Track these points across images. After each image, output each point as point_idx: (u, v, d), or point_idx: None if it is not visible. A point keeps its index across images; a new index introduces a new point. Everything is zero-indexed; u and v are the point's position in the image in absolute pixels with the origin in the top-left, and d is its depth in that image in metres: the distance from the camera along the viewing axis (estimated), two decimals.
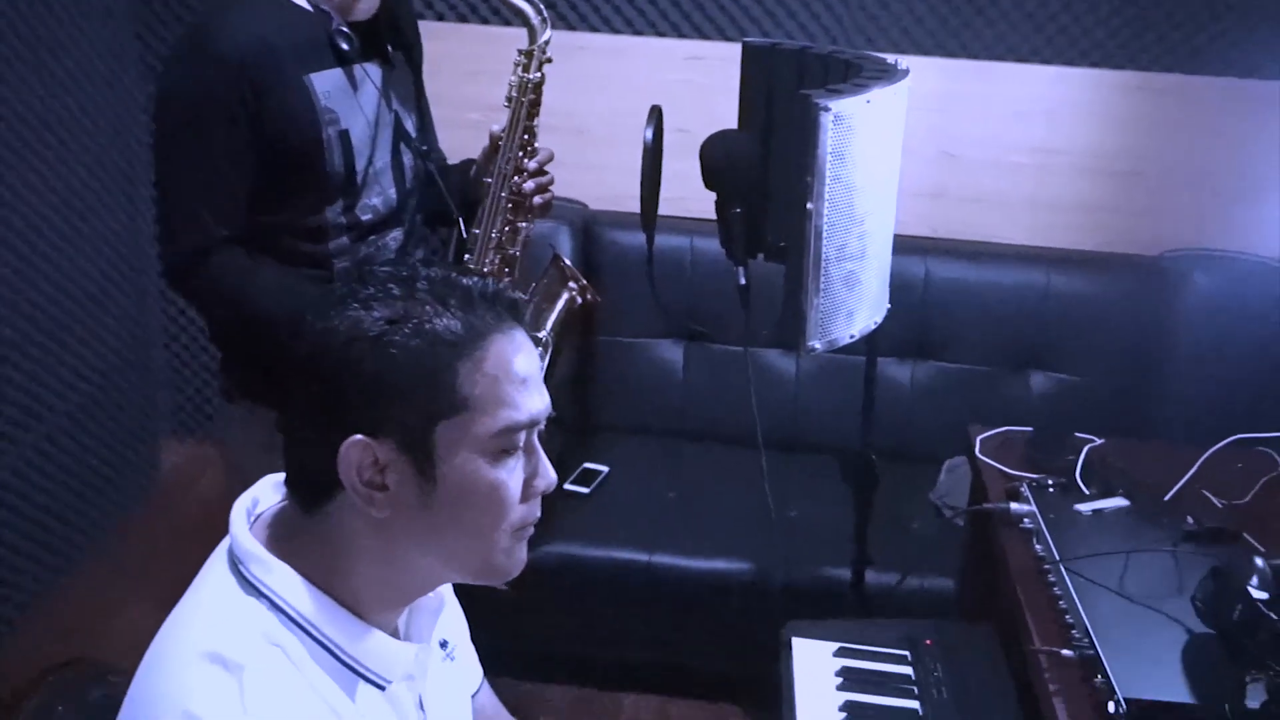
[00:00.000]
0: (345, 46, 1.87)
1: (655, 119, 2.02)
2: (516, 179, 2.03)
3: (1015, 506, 1.88)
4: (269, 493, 1.13)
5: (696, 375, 3.05)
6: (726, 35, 3.00)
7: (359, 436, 1.01)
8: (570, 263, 2.29)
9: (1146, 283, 2.94)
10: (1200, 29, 2.88)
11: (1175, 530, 1.80)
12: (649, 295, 2.64)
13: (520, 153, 2.03)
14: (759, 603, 2.52)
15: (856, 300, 1.89)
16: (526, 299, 2.14)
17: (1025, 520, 1.86)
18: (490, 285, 1.07)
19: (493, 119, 2.05)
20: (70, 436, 2.98)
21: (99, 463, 3.12)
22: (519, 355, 1.06)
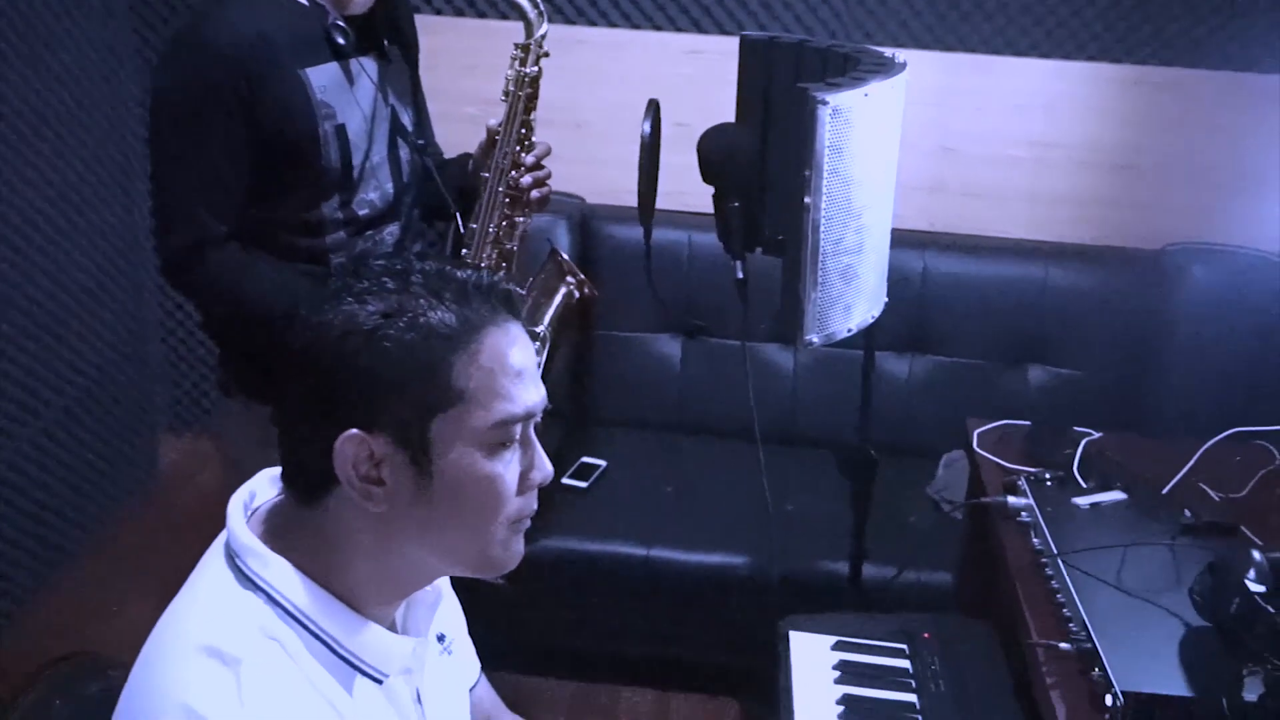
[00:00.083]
0: (341, 41, 1.86)
1: (653, 113, 2.02)
2: (514, 174, 2.02)
3: (1013, 500, 1.88)
4: (266, 487, 1.13)
5: (694, 369, 3.05)
6: (724, 29, 3.00)
7: (354, 431, 1.01)
8: (568, 257, 2.28)
9: (1145, 277, 2.94)
10: (1199, 22, 2.88)
11: (1173, 524, 1.80)
12: (647, 289, 2.64)
13: (517, 147, 2.02)
14: (757, 596, 2.52)
15: (854, 294, 1.89)
16: (524, 294, 2.16)
17: (1023, 514, 1.86)
18: (485, 278, 1.07)
19: (490, 113, 2.05)
20: (67, 431, 2.98)
21: (96, 457, 3.12)
22: (514, 348, 1.06)
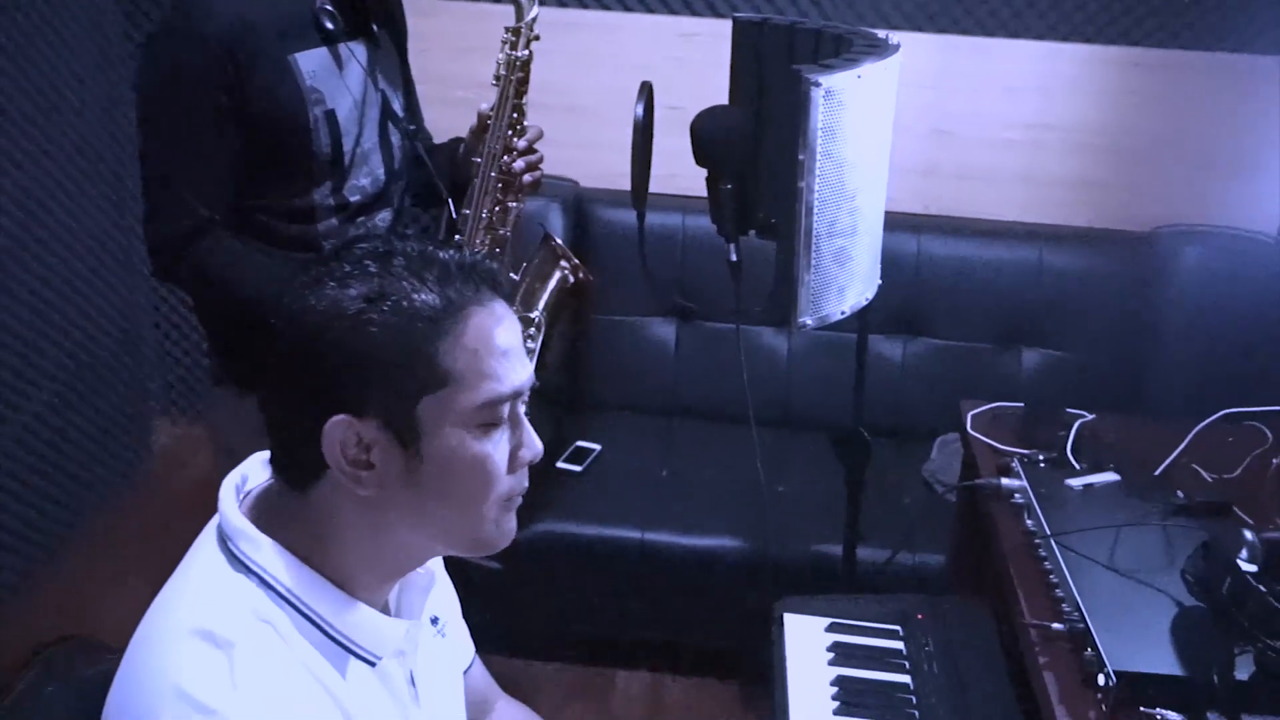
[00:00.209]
0: (330, 25, 1.85)
1: (646, 95, 2.01)
2: (506, 158, 2.02)
3: (1006, 482, 1.88)
4: (258, 470, 1.13)
5: (688, 353, 3.06)
6: (718, 11, 2.99)
7: (342, 416, 1.01)
8: (561, 241, 2.28)
9: (1138, 258, 2.94)
10: (1193, 4, 2.87)
11: (1165, 504, 1.81)
12: (641, 273, 2.63)
13: (509, 131, 2.01)
14: (751, 579, 2.53)
15: (848, 276, 1.89)
16: (518, 279, 2.15)
17: (1016, 495, 1.86)
18: (467, 257, 1.06)
19: (482, 96, 2.04)
20: (60, 416, 2.97)
21: (89, 443, 3.11)
22: (499, 327, 1.05)
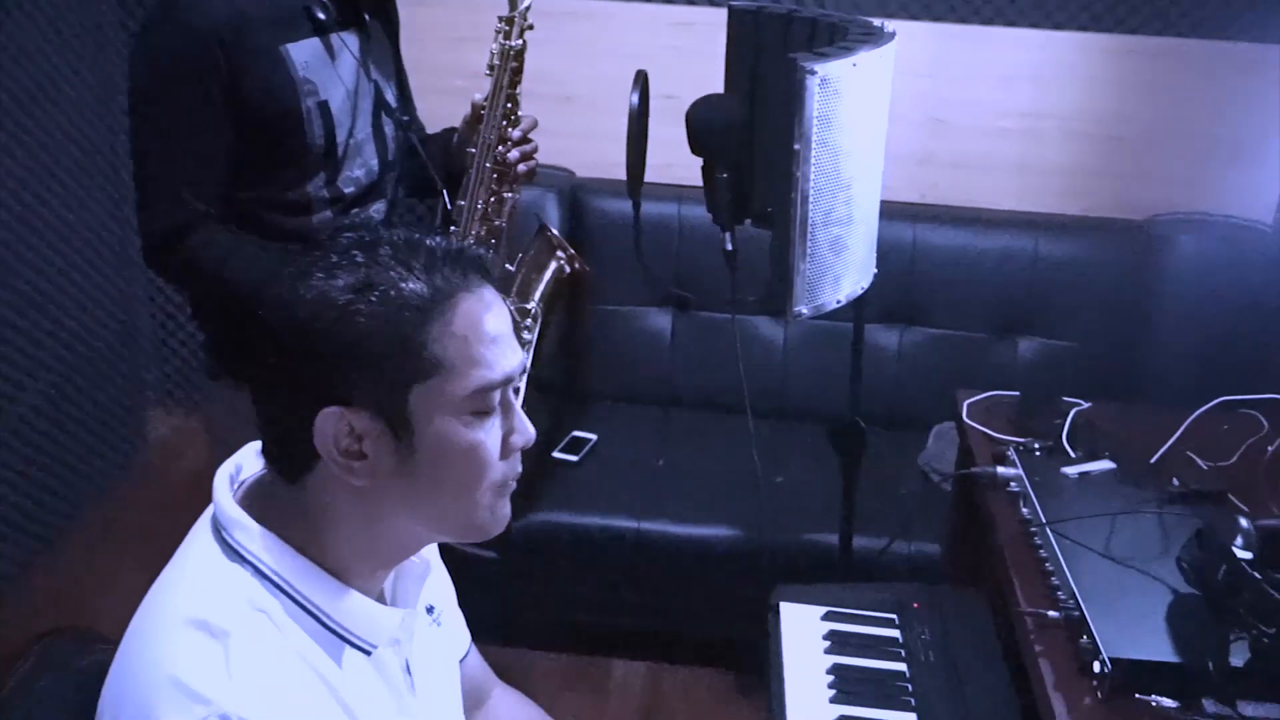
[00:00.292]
0: (321, 15, 1.84)
1: (641, 83, 2.01)
2: (500, 148, 2.01)
3: (1002, 470, 1.88)
4: (252, 460, 1.13)
5: (685, 343, 3.05)
6: (713, 0, 2.99)
7: (333, 408, 1.01)
8: (557, 231, 2.28)
9: (1134, 247, 2.94)
10: None
11: (1161, 492, 1.81)
12: (636, 263, 2.63)
13: (504, 121, 2.01)
14: (747, 568, 2.53)
15: (843, 265, 1.89)
16: (513, 270, 2.15)
17: (1012, 484, 1.86)
18: (454, 244, 1.06)
19: (477, 86, 2.03)
20: (57, 408, 2.97)
21: (86, 434, 3.11)
22: (488, 314, 1.05)
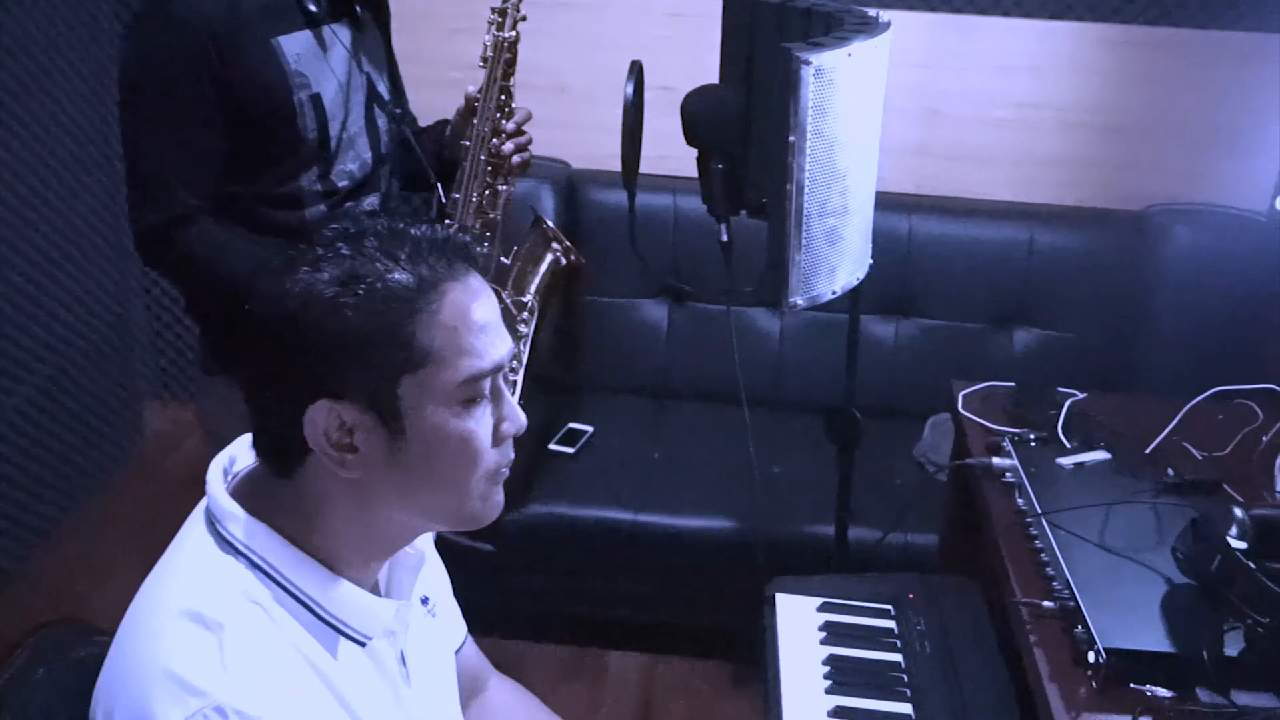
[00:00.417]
0: (313, 7, 1.83)
1: (635, 74, 2.00)
2: (495, 141, 2.00)
3: (997, 461, 1.88)
4: (245, 452, 1.12)
5: (680, 334, 3.05)
6: None
7: (323, 401, 1.01)
8: (553, 223, 2.27)
9: (1130, 237, 2.94)
10: None
11: (1156, 482, 1.81)
12: (632, 254, 2.63)
13: (498, 114, 2.00)
14: (743, 560, 2.54)
15: (839, 256, 1.89)
16: (508, 262, 2.15)
17: (1007, 474, 1.87)
18: (439, 232, 1.06)
19: (472, 77, 2.03)
20: (52, 400, 2.97)
21: (82, 427, 3.11)
22: (475, 302, 1.05)
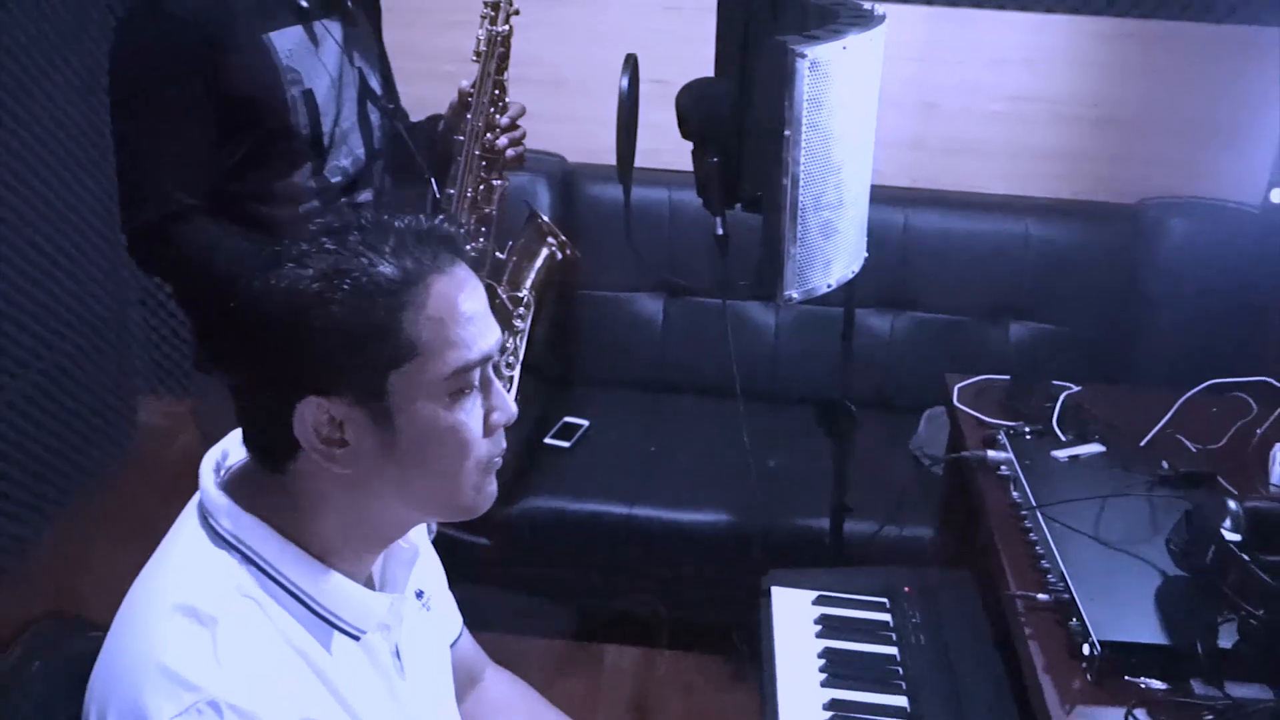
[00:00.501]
0: (304, 2, 1.82)
1: (631, 68, 2.00)
2: (489, 135, 2.00)
3: (992, 454, 1.89)
4: (238, 446, 1.12)
5: (676, 328, 3.05)
6: None
7: (311, 397, 1.00)
8: (549, 216, 2.27)
9: (1125, 230, 2.94)
10: None
11: (1150, 475, 1.82)
12: (627, 248, 2.63)
13: (491, 108, 2.00)
14: (739, 553, 2.54)
15: (834, 249, 1.89)
16: (503, 257, 2.15)
17: (1002, 467, 1.87)
18: (423, 223, 1.05)
19: (467, 71, 2.02)
20: (46, 395, 2.96)
21: (77, 421, 3.10)
22: (462, 293, 1.04)
